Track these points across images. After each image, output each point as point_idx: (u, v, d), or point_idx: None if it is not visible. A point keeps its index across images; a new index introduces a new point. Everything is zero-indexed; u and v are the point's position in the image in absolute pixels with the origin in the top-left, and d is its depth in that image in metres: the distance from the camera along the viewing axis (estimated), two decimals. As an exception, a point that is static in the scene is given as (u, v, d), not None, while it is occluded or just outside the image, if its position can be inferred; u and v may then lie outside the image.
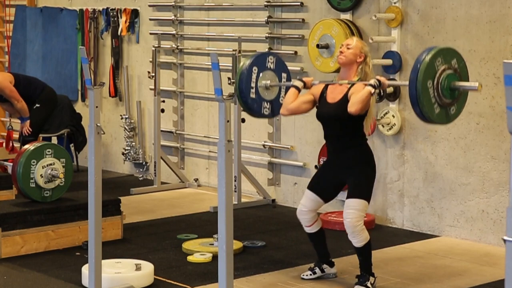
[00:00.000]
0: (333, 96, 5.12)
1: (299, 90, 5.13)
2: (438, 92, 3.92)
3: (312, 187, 5.27)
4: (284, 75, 5.11)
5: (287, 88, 5.11)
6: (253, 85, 4.81)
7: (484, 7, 6.23)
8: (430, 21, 6.55)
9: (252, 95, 4.88)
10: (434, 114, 4.00)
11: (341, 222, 6.71)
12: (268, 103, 4.99)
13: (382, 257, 5.83)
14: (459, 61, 4.21)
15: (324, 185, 5.23)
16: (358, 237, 5.04)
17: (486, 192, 6.28)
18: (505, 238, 2.67)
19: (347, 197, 5.10)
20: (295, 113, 5.22)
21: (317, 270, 5.39)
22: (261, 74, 4.82)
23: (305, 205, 5.26)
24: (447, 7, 6.45)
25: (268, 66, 4.95)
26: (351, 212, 5.02)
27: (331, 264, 5.43)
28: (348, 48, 5.11)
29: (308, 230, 5.33)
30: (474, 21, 6.30)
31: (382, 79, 4.93)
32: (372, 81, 4.90)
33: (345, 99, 5.03)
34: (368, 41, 6.79)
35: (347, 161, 5.12)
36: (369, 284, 5.15)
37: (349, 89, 5.07)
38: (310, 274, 5.38)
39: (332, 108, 5.09)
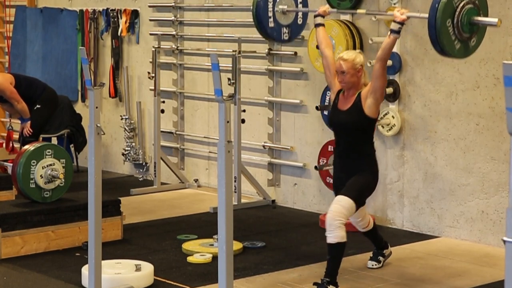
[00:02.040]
0: (344, 103, 5.19)
1: (323, 24, 5.29)
2: (458, 29, 3.82)
3: (336, 192, 5.28)
4: None
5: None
6: (270, 14, 4.70)
7: (484, 8, 6.22)
8: (430, 22, 6.54)
9: (271, 24, 4.82)
10: (455, 50, 3.91)
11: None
12: (287, 28, 4.92)
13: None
14: None
15: (337, 188, 5.28)
16: (333, 232, 4.94)
17: (485, 193, 6.28)
18: (505, 239, 2.68)
19: (339, 194, 5.15)
20: (329, 45, 5.35)
21: (380, 258, 5.55)
22: (277, 2, 4.67)
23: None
24: (447, 8, 6.44)
25: None
26: (335, 207, 5.04)
27: (386, 246, 5.59)
28: (343, 73, 5.11)
29: (365, 230, 5.49)
30: (474, 22, 6.29)
31: (401, 17, 4.88)
32: (394, 26, 4.92)
33: (355, 107, 5.10)
34: (367, 42, 6.80)
35: (352, 169, 5.15)
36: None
37: (357, 96, 5.13)
38: (376, 264, 5.51)
39: (343, 115, 5.16)
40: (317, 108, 7.21)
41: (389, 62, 6.73)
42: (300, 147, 7.54)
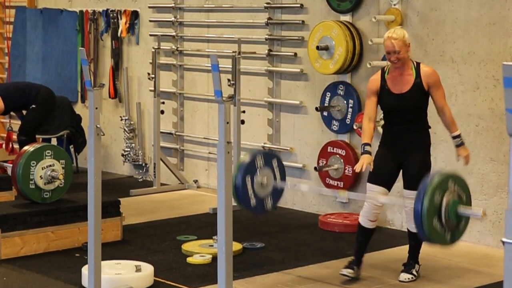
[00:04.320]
0: (399, 87, 5.23)
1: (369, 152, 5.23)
2: (447, 222, 3.90)
3: (376, 180, 5.27)
4: (274, 160, 4.98)
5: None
6: (250, 192, 4.75)
7: (484, 9, 6.24)
8: (429, 23, 6.56)
9: (253, 202, 4.87)
10: (448, 240, 3.97)
11: (340, 223, 6.75)
12: (269, 197, 4.96)
13: (381, 258, 5.83)
14: (456, 181, 4.01)
15: (386, 175, 5.28)
16: None
17: (485, 194, 6.29)
18: (504, 240, 2.68)
19: (407, 187, 5.21)
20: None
21: (413, 271, 5.43)
22: (254, 179, 4.69)
23: (374, 199, 5.24)
24: (446, 9, 6.46)
25: (258, 166, 4.79)
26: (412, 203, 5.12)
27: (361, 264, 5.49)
28: (396, 53, 5.13)
29: (370, 225, 5.37)
30: (473, 23, 6.31)
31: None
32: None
33: (416, 87, 5.19)
34: (367, 43, 6.80)
35: (413, 144, 5.24)
36: (414, 272, 5.35)
37: (416, 77, 5.20)
38: (351, 272, 5.38)
39: (404, 98, 5.21)
40: (316, 109, 7.21)
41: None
42: (299, 148, 7.54)
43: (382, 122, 6.76)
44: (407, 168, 5.28)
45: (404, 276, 5.37)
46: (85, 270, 5.10)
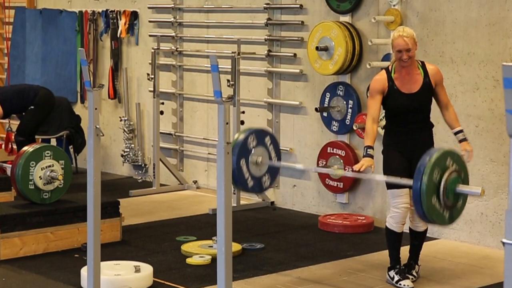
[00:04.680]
0: (408, 87, 5.21)
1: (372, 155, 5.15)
2: (445, 201, 3.90)
3: (395, 184, 5.14)
4: (267, 138, 4.96)
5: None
6: (247, 175, 4.74)
7: (483, 10, 6.23)
8: (429, 24, 6.56)
9: (250, 183, 4.86)
10: (446, 219, 3.97)
11: (340, 224, 6.75)
12: (266, 175, 4.94)
13: (381, 259, 5.83)
14: (455, 158, 4.00)
15: (404, 175, 5.07)
16: (423, 221, 5.12)
17: (485, 194, 6.28)
18: (504, 240, 2.68)
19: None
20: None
21: (413, 272, 5.38)
22: (249, 160, 4.68)
23: (406, 202, 5.21)
24: (446, 9, 6.45)
25: (251, 147, 4.76)
26: None
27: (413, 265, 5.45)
28: (408, 51, 5.11)
29: (400, 229, 5.27)
30: (473, 24, 6.31)
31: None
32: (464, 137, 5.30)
33: (426, 85, 5.19)
34: (367, 44, 6.80)
35: (422, 142, 5.21)
36: (414, 272, 5.34)
37: (424, 76, 5.20)
38: (413, 279, 5.31)
39: (414, 98, 5.18)
40: (316, 109, 7.21)
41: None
42: (299, 149, 7.53)
43: (382, 123, 6.77)
44: (414, 169, 5.21)
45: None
46: (84, 271, 5.10)
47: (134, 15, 8.86)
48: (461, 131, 5.32)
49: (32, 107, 7.72)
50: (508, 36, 6.10)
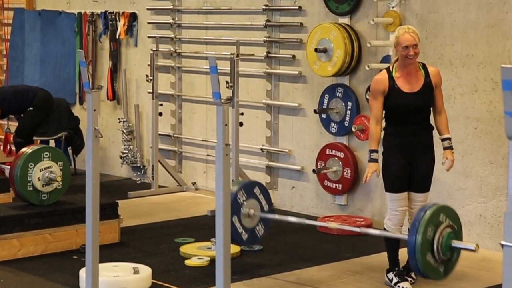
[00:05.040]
0: (409, 86, 5.18)
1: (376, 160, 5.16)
2: (440, 257, 4.03)
3: (400, 188, 5.20)
4: (256, 189, 5.05)
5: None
6: (240, 230, 4.83)
7: (482, 12, 6.23)
8: (428, 26, 6.56)
9: (245, 236, 4.99)
10: (441, 274, 4.12)
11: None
12: (259, 224, 5.06)
13: (379, 261, 5.82)
14: (447, 213, 4.17)
15: (407, 179, 5.22)
16: None
17: (483, 196, 6.28)
18: (503, 243, 2.68)
19: (416, 190, 5.20)
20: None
21: (412, 273, 5.35)
22: (241, 215, 4.75)
23: (405, 205, 5.22)
24: (445, 11, 6.45)
25: (242, 201, 4.82)
26: (420, 205, 5.08)
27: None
28: (415, 46, 5.11)
29: (398, 231, 5.25)
30: (472, 26, 6.31)
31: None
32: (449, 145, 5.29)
33: (427, 85, 5.18)
34: (366, 46, 6.80)
35: (422, 143, 5.21)
36: (413, 275, 5.31)
37: (425, 76, 5.20)
38: (411, 281, 5.32)
39: (415, 97, 5.16)
40: (315, 111, 7.21)
41: (387, 66, 6.73)
42: (298, 151, 7.53)
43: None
44: (417, 170, 5.22)
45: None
46: (82, 272, 5.09)
47: (133, 17, 8.86)
48: (448, 138, 5.32)
49: (31, 108, 7.71)
50: (507, 38, 6.10)
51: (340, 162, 7.05)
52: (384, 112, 5.29)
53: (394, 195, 5.20)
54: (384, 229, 5.30)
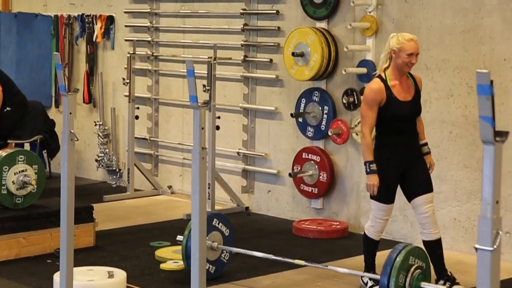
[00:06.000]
0: (404, 95, 5.14)
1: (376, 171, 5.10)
2: None
3: (390, 199, 5.20)
4: (214, 220, 5.27)
5: None
6: (207, 266, 4.91)
7: (458, 17, 6.28)
8: (404, 30, 6.57)
9: (212, 269, 5.14)
10: None
11: (314, 230, 6.76)
12: (223, 252, 5.22)
13: (355, 264, 5.83)
14: (416, 254, 4.59)
15: (395, 190, 5.23)
16: (438, 228, 5.22)
17: (458, 200, 6.32)
18: (477, 246, 2.69)
19: (421, 193, 5.17)
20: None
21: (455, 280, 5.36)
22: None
23: (389, 215, 5.25)
24: (421, 16, 6.49)
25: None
26: (431, 206, 5.19)
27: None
28: (417, 55, 5.10)
29: (379, 238, 5.31)
30: (448, 31, 6.35)
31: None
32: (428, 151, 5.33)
33: (418, 94, 5.20)
34: (343, 50, 6.82)
35: (414, 152, 5.21)
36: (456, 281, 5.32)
37: (414, 85, 5.20)
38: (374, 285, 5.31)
39: (410, 106, 5.15)
40: (292, 115, 7.22)
41: (364, 70, 6.77)
42: (274, 154, 7.54)
43: (356, 129, 6.79)
44: (417, 176, 5.19)
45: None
46: (57, 276, 5.05)
47: (110, 20, 8.82)
48: (426, 144, 5.35)
49: (8, 109, 7.64)
50: (482, 43, 6.15)
51: (316, 166, 7.07)
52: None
53: (383, 205, 5.19)
54: (366, 236, 5.30)
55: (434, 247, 5.25)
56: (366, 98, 5.12)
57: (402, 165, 5.17)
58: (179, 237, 5.49)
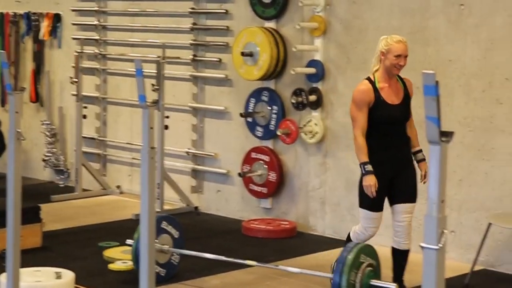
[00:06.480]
0: (392, 98, 5.09)
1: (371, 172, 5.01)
2: None
3: (379, 207, 5.12)
4: (163, 223, 5.33)
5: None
6: (158, 270, 4.90)
7: (405, 18, 6.36)
8: (352, 31, 6.65)
9: (163, 272, 5.18)
10: None
11: (263, 229, 6.78)
12: (173, 254, 5.23)
13: (303, 264, 5.87)
14: (366, 252, 4.74)
15: (383, 199, 5.15)
16: (410, 240, 5.23)
17: None
18: (423, 245, 2.74)
19: (402, 201, 5.15)
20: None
21: None
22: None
23: (377, 226, 5.18)
24: (369, 17, 6.56)
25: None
26: (409, 217, 5.21)
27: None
28: (406, 57, 5.06)
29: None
30: (395, 32, 6.38)
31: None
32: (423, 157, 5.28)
33: (406, 97, 5.14)
34: (291, 50, 6.85)
35: (404, 157, 5.17)
36: None
37: (404, 87, 5.14)
38: None
39: (399, 109, 5.09)
40: (241, 115, 7.23)
41: (312, 70, 6.81)
42: (223, 154, 7.54)
43: (305, 128, 6.84)
44: (404, 182, 5.16)
45: None
46: (3, 278, 4.98)
47: (57, 18, 8.73)
48: (420, 151, 5.27)
49: None
50: (428, 45, 6.24)
51: (266, 166, 7.09)
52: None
53: (371, 213, 5.11)
54: (349, 238, 5.25)
55: (400, 257, 5.24)
56: (354, 100, 5.08)
57: (392, 169, 5.11)
58: (129, 241, 5.47)
